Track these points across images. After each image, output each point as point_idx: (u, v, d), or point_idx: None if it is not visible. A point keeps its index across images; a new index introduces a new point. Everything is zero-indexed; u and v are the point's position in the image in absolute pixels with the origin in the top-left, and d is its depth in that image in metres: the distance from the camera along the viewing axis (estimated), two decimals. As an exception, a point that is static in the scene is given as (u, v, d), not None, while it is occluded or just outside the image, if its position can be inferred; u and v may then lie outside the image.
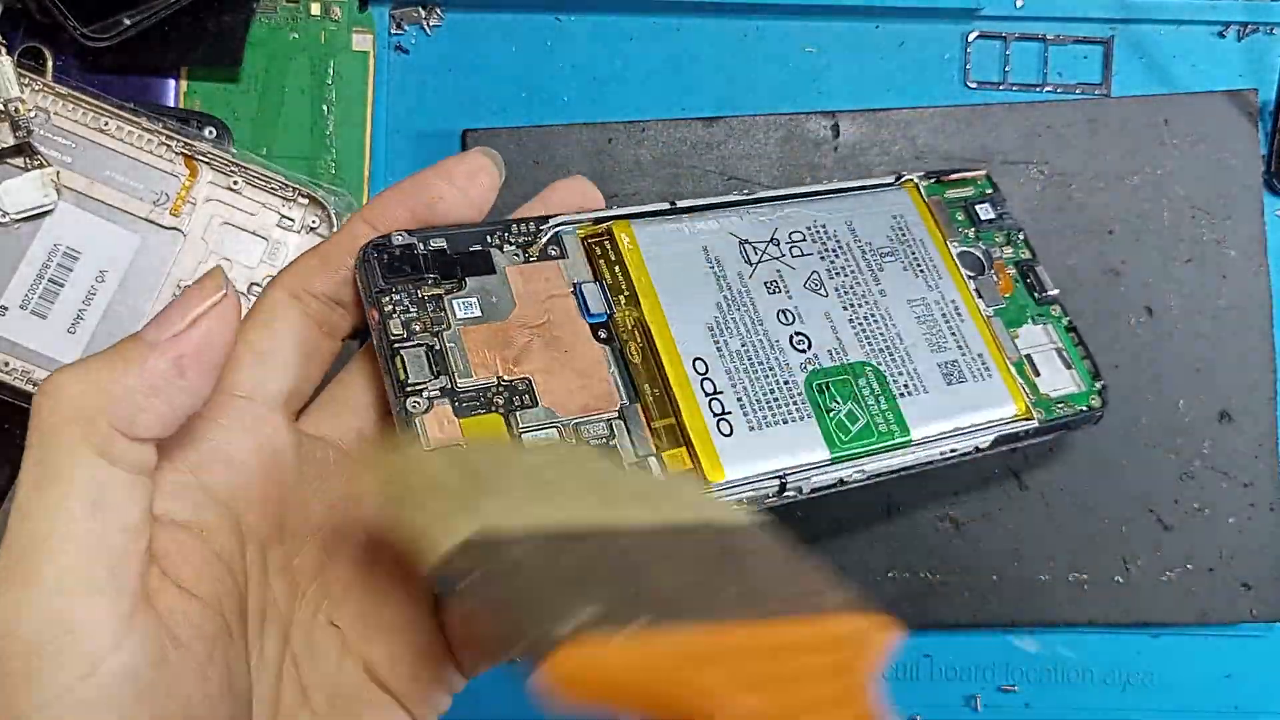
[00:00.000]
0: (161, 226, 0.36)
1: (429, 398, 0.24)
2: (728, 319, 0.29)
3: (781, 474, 0.28)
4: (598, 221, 0.28)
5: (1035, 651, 0.38)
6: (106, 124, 0.36)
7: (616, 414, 0.26)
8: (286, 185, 0.36)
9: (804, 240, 0.31)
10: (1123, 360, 0.37)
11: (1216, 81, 0.38)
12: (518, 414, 0.25)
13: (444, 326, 0.25)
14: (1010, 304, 0.33)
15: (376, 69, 0.38)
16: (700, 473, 0.27)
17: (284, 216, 0.37)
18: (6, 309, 0.35)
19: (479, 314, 0.26)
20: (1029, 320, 0.33)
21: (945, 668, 0.37)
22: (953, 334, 0.31)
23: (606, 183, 0.37)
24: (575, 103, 0.38)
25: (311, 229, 0.37)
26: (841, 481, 0.29)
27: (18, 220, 0.35)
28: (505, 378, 0.25)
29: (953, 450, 0.30)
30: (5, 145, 0.35)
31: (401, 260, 0.25)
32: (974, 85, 0.39)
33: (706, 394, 0.28)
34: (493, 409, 0.25)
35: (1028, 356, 0.32)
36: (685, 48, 0.39)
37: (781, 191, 0.31)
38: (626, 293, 0.28)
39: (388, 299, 0.25)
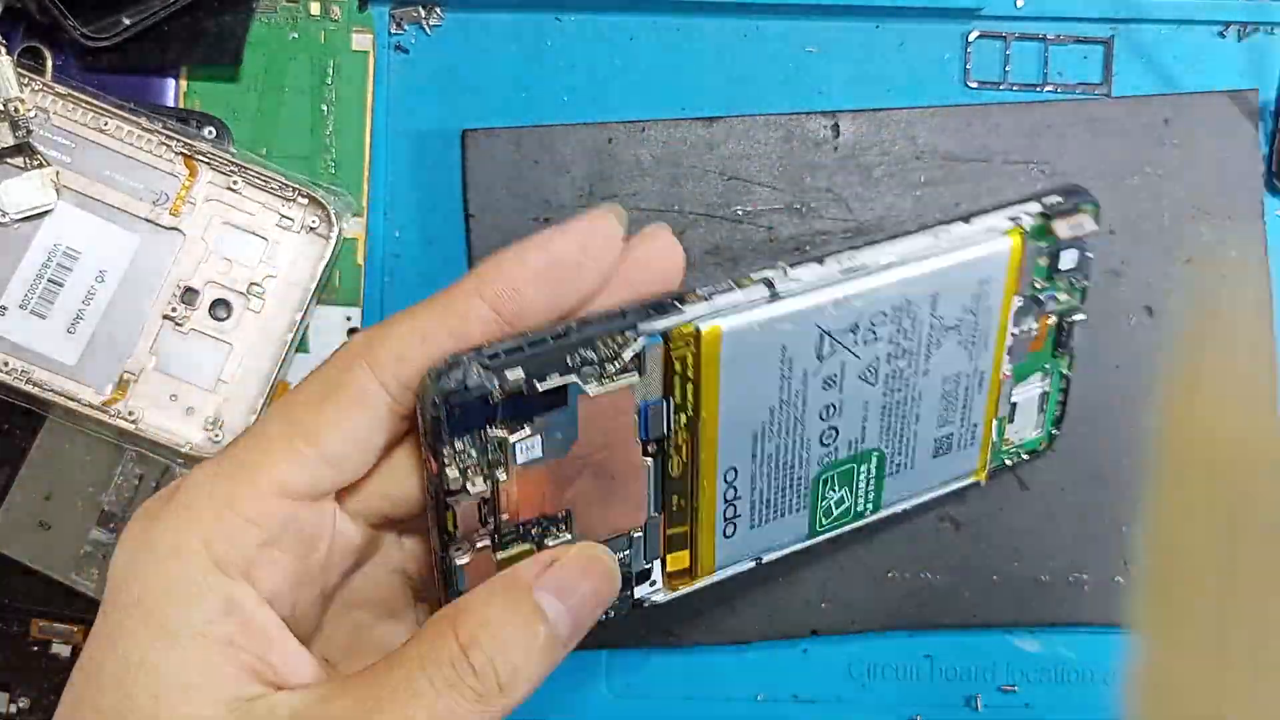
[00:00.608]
0: (161, 226, 0.36)
1: (472, 544, 0.24)
2: (774, 423, 0.28)
3: (760, 558, 0.29)
4: (690, 320, 0.25)
5: (1035, 651, 0.38)
6: (106, 124, 0.36)
7: (640, 528, 0.27)
8: (286, 185, 0.36)
9: (883, 324, 0.28)
10: (1123, 360, 0.37)
11: (1216, 81, 0.38)
12: (550, 543, 0.25)
13: (500, 469, 0.24)
14: (1031, 358, 0.32)
15: (376, 69, 0.38)
16: (695, 570, 0.28)
17: (284, 216, 0.37)
18: (6, 309, 0.35)
19: (539, 455, 0.24)
20: (1038, 370, 0.33)
21: (945, 668, 0.37)
22: (963, 407, 0.31)
23: (607, 183, 0.37)
24: (575, 103, 0.38)
25: (311, 229, 0.37)
26: (805, 549, 0.30)
27: (17, 220, 0.35)
28: (547, 513, 0.25)
29: (904, 511, 0.32)
30: (5, 145, 0.35)
31: (473, 413, 0.23)
32: (974, 85, 0.39)
33: (726, 500, 0.28)
34: (529, 540, 0.25)
35: (1014, 405, 0.33)
36: (685, 48, 0.39)
37: (885, 254, 0.27)
38: (690, 414, 0.26)
39: (450, 449, 0.23)
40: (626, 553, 0.26)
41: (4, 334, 0.35)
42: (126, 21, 0.36)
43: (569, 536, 0.25)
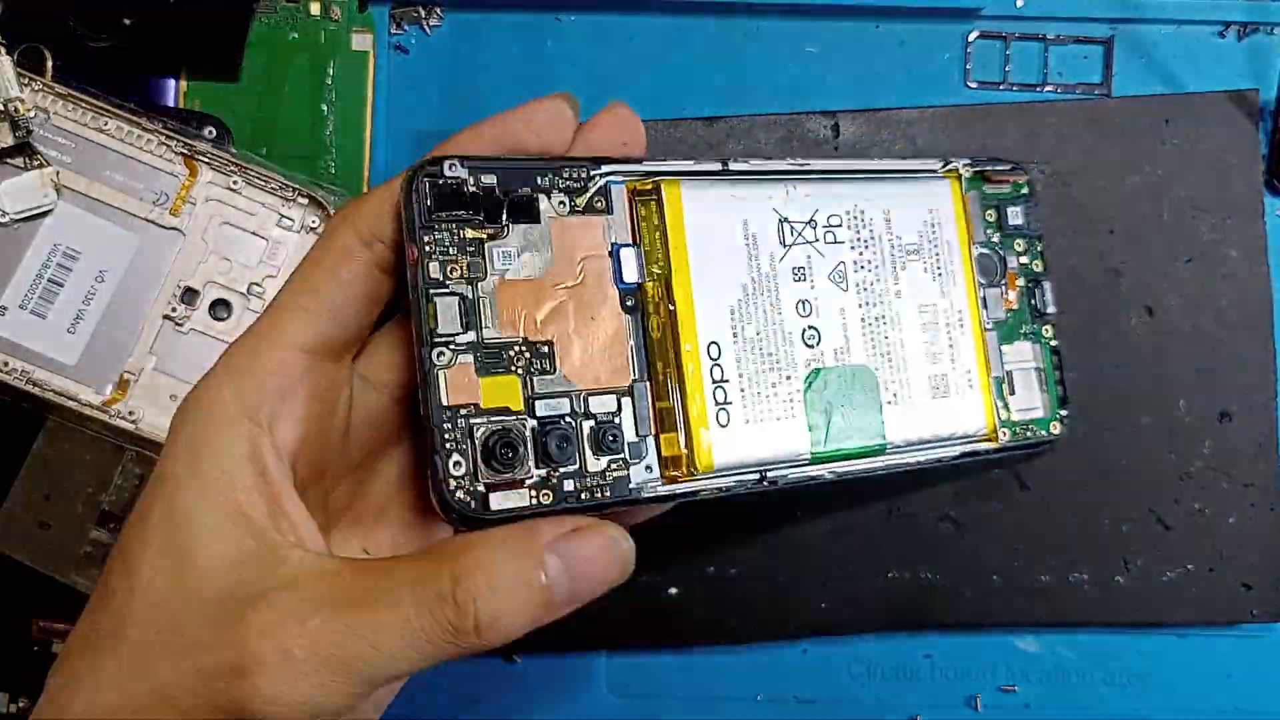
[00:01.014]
0: (161, 226, 0.36)
1: (454, 350, 0.25)
2: (750, 303, 0.29)
3: (762, 469, 0.28)
4: (648, 175, 0.28)
5: (1035, 651, 0.38)
6: (106, 124, 0.36)
7: (626, 389, 0.27)
8: (286, 185, 0.36)
9: (840, 226, 0.30)
10: (1123, 360, 0.37)
11: (1216, 81, 0.38)
12: (535, 378, 0.25)
13: (480, 275, 0.25)
14: (1010, 317, 0.33)
15: (376, 69, 0.38)
16: (692, 461, 0.27)
17: (283, 216, 0.37)
18: (6, 309, 0.35)
19: (516, 266, 0.26)
20: (1021, 336, 0.33)
21: (945, 668, 0.37)
22: (950, 346, 0.32)
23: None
24: (575, 103, 0.38)
25: (311, 229, 0.37)
26: (813, 478, 0.29)
27: (17, 220, 0.35)
28: (529, 338, 0.25)
29: (918, 462, 0.31)
30: (5, 145, 0.35)
31: (450, 196, 0.25)
32: (974, 85, 0.39)
33: (714, 381, 0.28)
34: (512, 370, 0.25)
35: (1009, 373, 0.33)
36: (685, 48, 0.39)
37: (832, 165, 0.31)
38: (660, 263, 0.28)
39: (430, 237, 0.25)
40: (616, 419, 0.26)
41: (4, 334, 0.35)
42: (127, 22, 0.36)
43: (553, 376, 0.26)
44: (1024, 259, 0.34)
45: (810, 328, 0.30)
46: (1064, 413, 0.34)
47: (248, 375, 0.24)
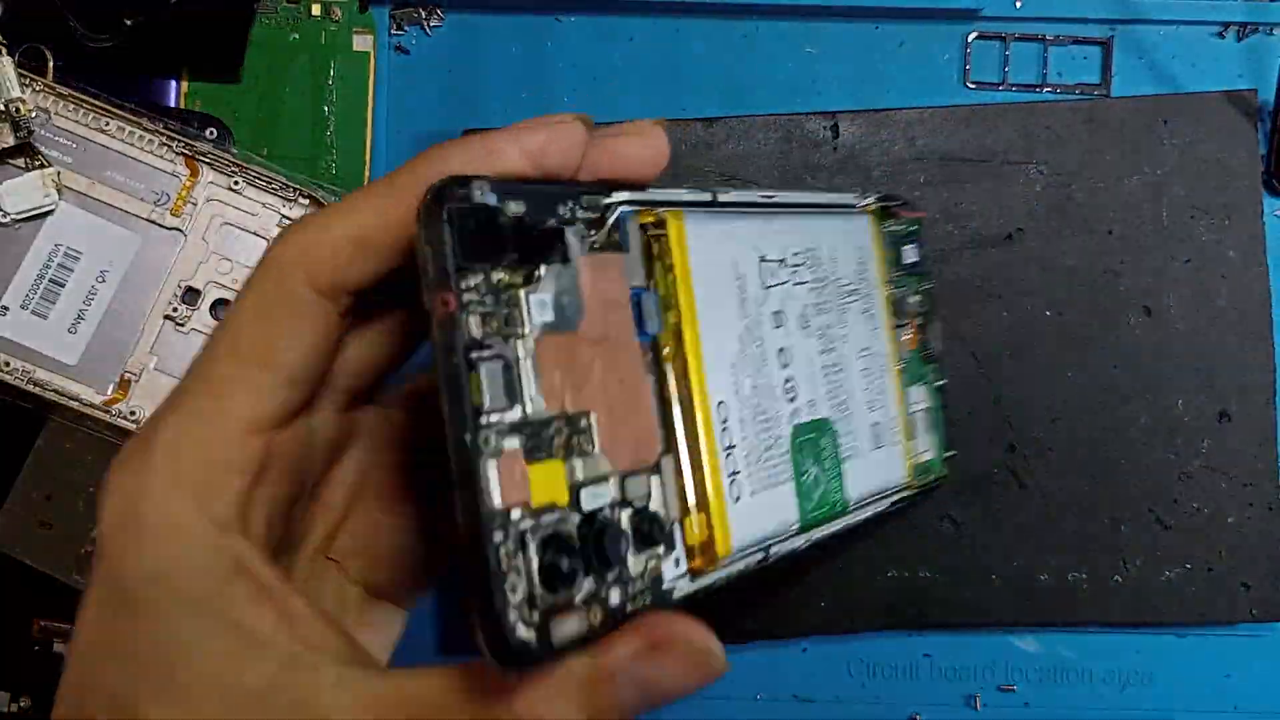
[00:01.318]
0: (162, 227, 0.36)
1: (499, 434, 0.19)
2: (745, 353, 0.25)
3: (766, 545, 0.25)
4: (654, 205, 0.24)
5: (1035, 651, 0.38)
6: (107, 124, 0.36)
7: (653, 465, 0.22)
8: (287, 186, 0.37)
9: (802, 265, 0.28)
10: (1123, 360, 0.37)
11: (1216, 81, 0.38)
12: (577, 462, 0.20)
13: (518, 332, 0.20)
14: (910, 359, 0.33)
15: (377, 69, 0.38)
16: (713, 549, 0.23)
17: (285, 217, 0.37)
18: (7, 309, 0.35)
19: (552, 319, 0.20)
20: (918, 378, 0.33)
21: (945, 667, 0.37)
22: (880, 392, 0.31)
23: (606, 183, 0.37)
24: (575, 103, 0.38)
25: (312, 229, 0.37)
26: (794, 550, 0.27)
27: (19, 221, 0.36)
28: (567, 410, 0.20)
29: (863, 520, 0.30)
30: (6, 145, 0.35)
31: (483, 229, 0.19)
32: (974, 85, 0.39)
33: (725, 447, 0.24)
34: (554, 452, 0.20)
35: (910, 416, 0.32)
36: (685, 48, 0.39)
37: (781, 197, 0.28)
38: (674, 314, 0.23)
39: (466, 284, 0.19)
40: (648, 503, 0.22)
41: (5, 334, 0.35)
42: (127, 22, 0.36)
43: (593, 455, 0.21)
44: (916, 298, 0.33)
45: (789, 379, 0.26)
46: (949, 454, 0.34)
47: (208, 480, 0.20)
